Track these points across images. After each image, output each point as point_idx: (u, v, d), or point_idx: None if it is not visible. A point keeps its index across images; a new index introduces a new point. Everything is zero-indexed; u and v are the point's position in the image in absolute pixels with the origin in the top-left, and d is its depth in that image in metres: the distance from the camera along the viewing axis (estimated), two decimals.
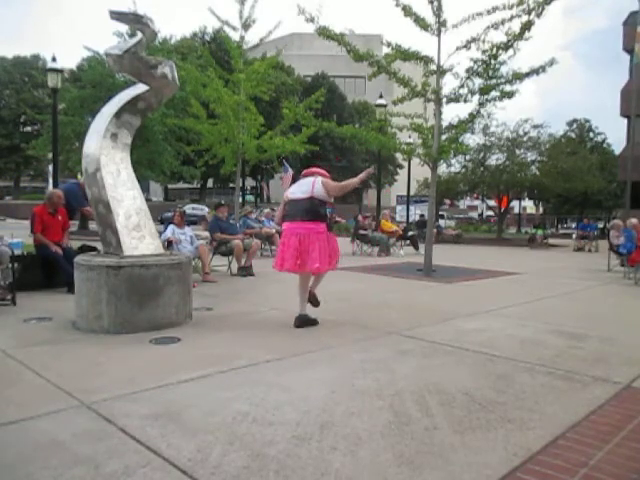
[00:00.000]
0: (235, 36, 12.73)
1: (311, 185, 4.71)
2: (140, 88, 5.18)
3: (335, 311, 5.44)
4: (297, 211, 4.72)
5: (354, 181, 4.86)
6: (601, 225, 32.75)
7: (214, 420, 2.59)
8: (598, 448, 2.38)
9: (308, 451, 2.28)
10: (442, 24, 8.46)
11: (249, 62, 13.24)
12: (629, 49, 25.34)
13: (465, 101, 8.80)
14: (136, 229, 4.92)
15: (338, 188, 4.83)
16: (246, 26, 12.50)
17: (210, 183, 46.44)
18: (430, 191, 9.72)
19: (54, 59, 14.41)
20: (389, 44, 8.72)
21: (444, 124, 9.34)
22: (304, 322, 4.77)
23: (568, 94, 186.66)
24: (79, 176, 12.85)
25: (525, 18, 7.91)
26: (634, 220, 10.15)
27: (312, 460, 2.20)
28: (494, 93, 8.70)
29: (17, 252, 6.02)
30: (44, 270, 6.42)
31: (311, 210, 4.65)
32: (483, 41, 8.24)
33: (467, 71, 8.67)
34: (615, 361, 3.84)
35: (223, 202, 9.50)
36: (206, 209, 30.88)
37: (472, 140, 21.33)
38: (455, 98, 8.77)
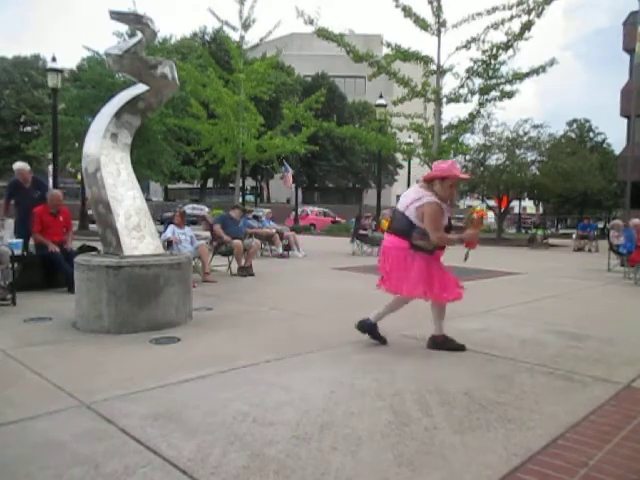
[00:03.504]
0: (235, 36, 12.77)
1: (411, 201, 3.90)
2: (140, 88, 5.17)
3: (335, 311, 5.45)
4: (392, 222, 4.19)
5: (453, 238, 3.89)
6: (601, 225, 32.78)
7: (214, 420, 2.59)
8: (598, 448, 2.38)
9: (308, 451, 2.28)
10: (442, 24, 8.48)
11: (249, 62, 13.26)
12: (629, 49, 25.34)
13: (465, 101, 8.82)
14: (136, 229, 4.91)
15: (430, 227, 3.80)
16: (246, 26, 12.52)
17: (210, 183, 46.41)
18: None
19: (54, 59, 14.43)
20: (389, 44, 8.73)
21: (444, 124, 9.35)
22: (437, 345, 4.02)
23: (568, 94, 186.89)
24: (78, 176, 12.85)
25: (525, 18, 7.95)
26: (636, 220, 10.14)
27: (312, 460, 2.20)
28: (494, 93, 8.72)
29: (17, 252, 6.02)
30: (44, 270, 6.41)
31: (399, 223, 3.98)
32: (483, 41, 8.28)
33: (467, 71, 8.69)
34: (615, 361, 3.83)
35: (240, 205, 9.58)
36: (205, 209, 30.92)
37: (472, 140, 21.35)
38: (455, 98, 8.78)
